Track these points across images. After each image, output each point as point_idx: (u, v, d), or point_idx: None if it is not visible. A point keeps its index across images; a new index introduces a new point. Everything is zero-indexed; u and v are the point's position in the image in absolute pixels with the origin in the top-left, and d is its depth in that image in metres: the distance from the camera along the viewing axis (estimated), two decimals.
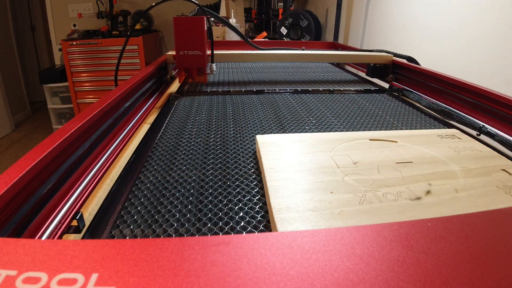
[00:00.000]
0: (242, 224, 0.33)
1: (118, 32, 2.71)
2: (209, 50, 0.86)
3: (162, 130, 0.58)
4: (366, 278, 0.15)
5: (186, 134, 0.56)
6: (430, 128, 0.60)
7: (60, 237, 0.31)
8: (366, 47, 1.75)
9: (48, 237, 0.30)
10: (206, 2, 2.70)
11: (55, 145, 0.34)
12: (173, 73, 0.96)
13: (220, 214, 0.35)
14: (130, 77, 0.66)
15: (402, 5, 1.41)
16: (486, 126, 0.58)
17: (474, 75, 1.00)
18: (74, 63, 2.60)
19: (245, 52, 0.98)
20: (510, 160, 0.43)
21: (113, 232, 0.32)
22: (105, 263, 0.16)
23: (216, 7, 2.56)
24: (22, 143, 2.76)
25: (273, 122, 0.62)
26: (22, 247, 0.17)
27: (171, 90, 0.88)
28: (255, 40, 1.85)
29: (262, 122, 0.62)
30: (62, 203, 0.34)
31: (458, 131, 0.52)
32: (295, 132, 0.58)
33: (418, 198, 0.33)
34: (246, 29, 2.57)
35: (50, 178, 0.33)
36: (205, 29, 0.78)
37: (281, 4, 2.55)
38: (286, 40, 2.19)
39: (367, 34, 1.75)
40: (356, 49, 1.30)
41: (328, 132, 0.57)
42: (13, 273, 0.15)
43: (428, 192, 0.34)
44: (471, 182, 0.36)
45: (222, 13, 2.26)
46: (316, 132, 0.57)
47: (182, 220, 0.34)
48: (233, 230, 0.33)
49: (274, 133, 0.57)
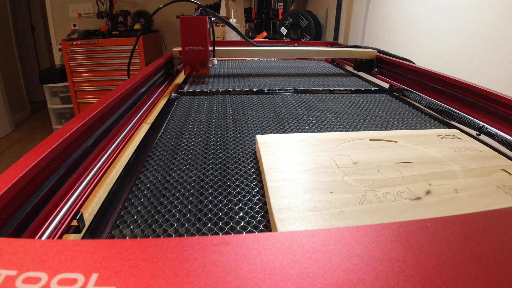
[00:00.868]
0: (242, 224, 0.33)
1: (118, 32, 2.71)
2: (211, 46, 0.99)
3: (162, 130, 0.58)
4: (366, 278, 0.15)
5: (186, 134, 0.56)
6: (430, 128, 0.60)
7: (60, 237, 0.31)
8: None
9: (48, 237, 0.30)
10: (207, 2, 2.70)
11: (55, 145, 0.34)
12: (178, 67, 1.08)
13: (220, 214, 0.35)
14: (130, 77, 0.66)
15: (402, 5, 1.41)
16: (486, 126, 0.58)
17: (474, 75, 1.00)
18: (74, 63, 2.60)
19: (241, 48, 1.12)
20: (510, 160, 0.43)
21: (113, 232, 0.32)
22: (105, 263, 0.16)
23: (216, 7, 2.56)
24: (22, 143, 2.76)
25: (273, 122, 0.62)
26: (22, 247, 0.17)
27: (178, 81, 0.99)
28: (255, 40, 1.85)
29: (262, 122, 0.62)
30: (62, 203, 0.34)
31: (458, 131, 0.51)
32: (295, 132, 0.58)
33: (418, 198, 0.33)
34: (246, 29, 2.57)
35: (50, 178, 0.33)
36: (207, 27, 0.90)
37: (281, 4, 2.55)
38: (286, 40, 2.19)
39: (367, 34, 1.75)
40: (345, 46, 1.34)
41: (328, 132, 0.57)
42: (13, 273, 0.15)
43: (428, 192, 0.34)
44: (471, 182, 0.36)
45: (222, 13, 2.26)
46: (316, 132, 0.57)
47: (182, 220, 0.34)
48: (233, 230, 0.33)
49: (274, 133, 0.57)
